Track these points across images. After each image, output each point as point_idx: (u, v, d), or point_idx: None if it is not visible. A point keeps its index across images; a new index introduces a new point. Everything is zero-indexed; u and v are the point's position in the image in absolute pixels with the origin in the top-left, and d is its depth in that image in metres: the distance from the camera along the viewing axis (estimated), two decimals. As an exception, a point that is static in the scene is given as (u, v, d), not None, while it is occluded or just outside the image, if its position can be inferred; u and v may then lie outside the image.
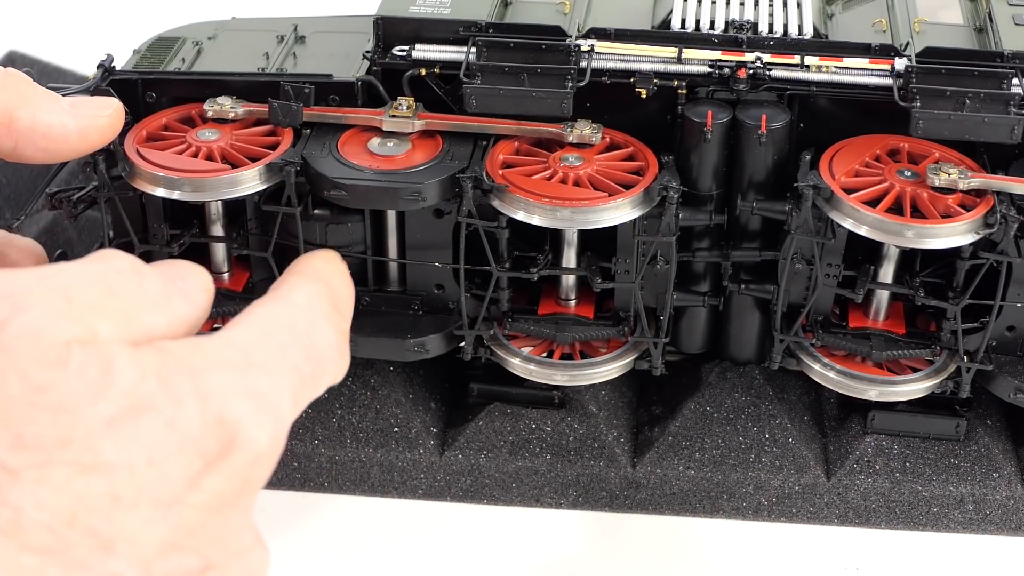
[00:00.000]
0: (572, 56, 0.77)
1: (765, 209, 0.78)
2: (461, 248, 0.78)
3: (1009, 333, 0.81)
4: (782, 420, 0.85)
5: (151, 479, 0.41)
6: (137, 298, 0.46)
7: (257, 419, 0.45)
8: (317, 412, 0.85)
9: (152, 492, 0.41)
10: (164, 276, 0.49)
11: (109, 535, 0.40)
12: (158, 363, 0.44)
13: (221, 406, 0.44)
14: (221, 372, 0.45)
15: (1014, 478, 0.83)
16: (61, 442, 0.40)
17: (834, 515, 0.84)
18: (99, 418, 0.41)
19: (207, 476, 0.43)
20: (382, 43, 0.80)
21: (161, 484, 0.42)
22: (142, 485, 0.41)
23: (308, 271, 0.60)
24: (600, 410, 0.85)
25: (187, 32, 0.89)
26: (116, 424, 0.41)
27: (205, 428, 0.43)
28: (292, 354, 0.50)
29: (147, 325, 0.46)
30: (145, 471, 0.41)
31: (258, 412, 0.45)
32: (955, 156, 0.77)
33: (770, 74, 0.77)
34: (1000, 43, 0.79)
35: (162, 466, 0.42)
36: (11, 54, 1.22)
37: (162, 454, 0.42)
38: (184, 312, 0.49)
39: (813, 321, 0.82)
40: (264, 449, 0.46)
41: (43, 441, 0.40)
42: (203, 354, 0.45)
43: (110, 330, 0.43)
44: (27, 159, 0.63)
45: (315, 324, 0.53)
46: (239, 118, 0.79)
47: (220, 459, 0.44)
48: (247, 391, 0.45)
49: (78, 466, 0.40)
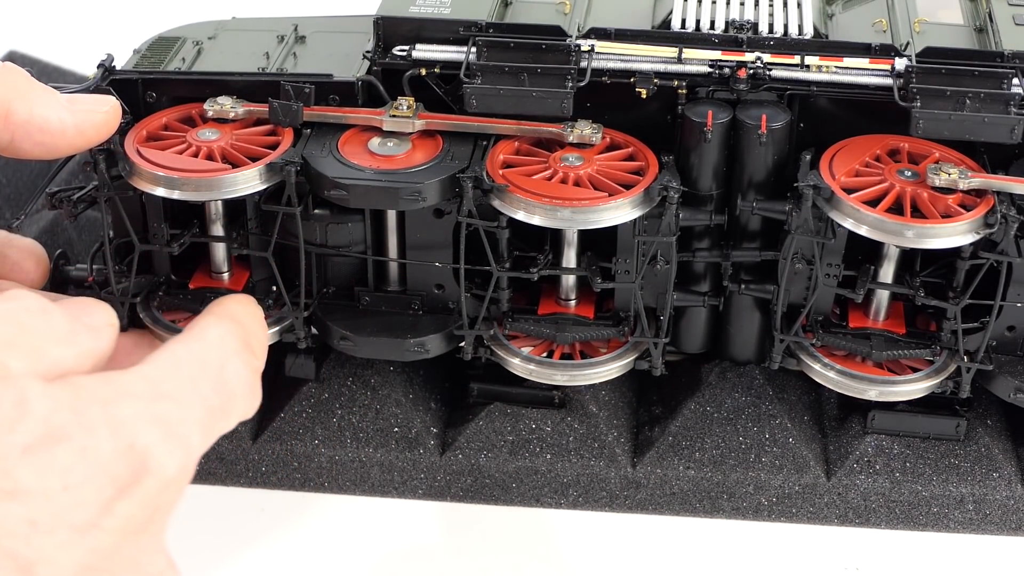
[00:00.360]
0: (572, 56, 0.77)
1: (765, 209, 0.78)
2: (461, 248, 0.78)
3: (1009, 333, 0.81)
4: (782, 420, 0.85)
5: (66, 504, 0.43)
6: (45, 334, 0.48)
7: (166, 447, 0.47)
8: (317, 412, 0.85)
9: (68, 517, 0.43)
10: (70, 313, 0.51)
11: (28, 558, 0.42)
12: (70, 395, 0.45)
13: (132, 434, 0.46)
14: (131, 402, 0.47)
15: (1014, 478, 0.83)
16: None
17: (834, 515, 0.84)
18: (15, 447, 0.43)
19: (119, 501, 0.45)
20: (382, 43, 0.80)
21: (76, 509, 0.43)
22: (58, 510, 0.43)
23: (222, 312, 0.63)
24: (600, 410, 0.85)
25: (187, 32, 0.89)
26: (32, 452, 0.43)
27: (116, 455, 0.45)
28: (202, 387, 0.52)
29: (55, 359, 0.47)
30: (60, 497, 0.43)
31: (167, 440, 0.47)
32: (955, 156, 0.77)
33: (770, 74, 0.77)
34: (1000, 43, 0.79)
35: (76, 492, 0.43)
36: (11, 54, 1.22)
37: (76, 480, 0.43)
38: (89, 347, 0.51)
39: (813, 321, 0.82)
40: (173, 475, 0.47)
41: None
42: (113, 386, 0.47)
43: (21, 365, 0.45)
44: (23, 153, 0.63)
45: (226, 360, 0.55)
46: (239, 118, 0.79)
47: (131, 485, 0.45)
48: (156, 420, 0.47)
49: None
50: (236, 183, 0.75)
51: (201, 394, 0.51)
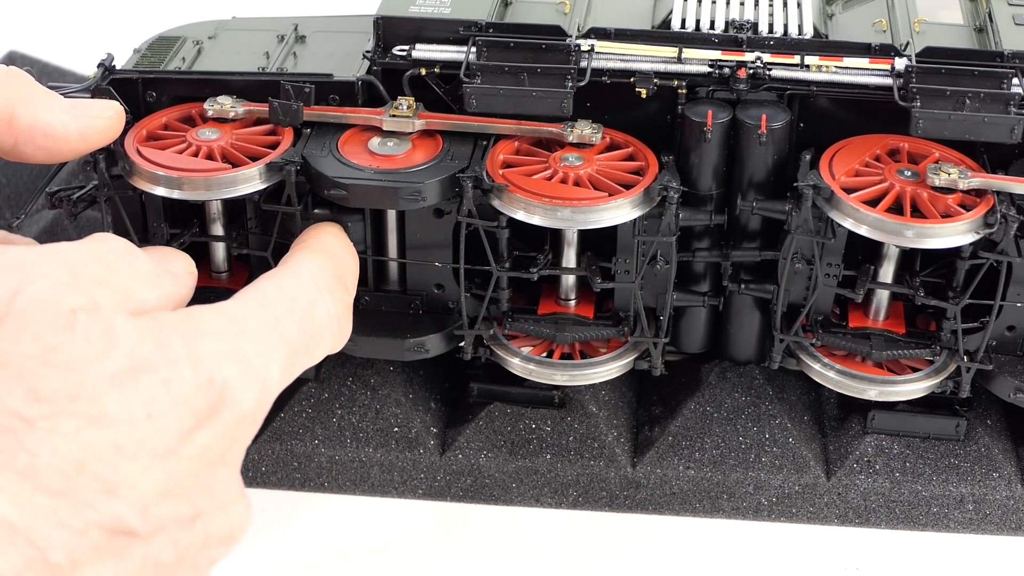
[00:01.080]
0: (572, 56, 0.77)
1: (765, 209, 0.78)
2: (461, 248, 0.78)
3: (1009, 333, 0.81)
4: (782, 420, 0.85)
5: (149, 432, 0.45)
6: (131, 275, 0.50)
7: (243, 383, 0.49)
8: (317, 412, 0.85)
9: (150, 443, 0.45)
10: (153, 258, 0.54)
11: (113, 480, 0.44)
12: (154, 329, 0.48)
13: (212, 369, 0.48)
14: (212, 339, 0.49)
15: (1014, 478, 0.83)
16: (70, 396, 0.44)
17: (834, 515, 0.84)
18: (103, 375, 0.45)
19: (198, 431, 0.47)
20: (382, 43, 0.80)
21: (158, 437, 0.46)
22: (141, 437, 0.45)
23: (317, 246, 0.65)
24: (600, 410, 0.85)
25: (187, 32, 0.89)
26: (118, 381, 0.45)
27: (197, 388, 0.47)
28: (286, 327, 0.54)
29: (140, 299, 0.50)
30: (144, 424, 0.45)
31: (245, 376, 0.49)
32: (955, 156, 0.77)
33: (770, 74, 0.77)
34: (1000, 43, 0.79)
35: (159, 421, 0.46)
36: (11, 54, 1.22)
37: (159, 410, 0.46)
38: (171, 290, 0.53)
39: (813, 321, 0.82)
40: (249, 410, 0.49)
41: (54, 395, 0.44)
42: (195, 323, 0.50)
43: (109, 301, 0.48)
44: (26, 158, 0.63)
45: (316, 298, 0.57)
46: (239, 117, 0.79)
47: (210, 417, 0.47)
48: (235, 356, 0.49)
49: (85, 418, 0.44)
50: (236, 183, 0.75)
51: (285, 334, 0.53)
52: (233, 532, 0.50)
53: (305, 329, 0.55)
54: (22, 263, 0.47)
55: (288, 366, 0.53)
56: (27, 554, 0.41)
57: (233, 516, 0.50)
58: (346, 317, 0.61)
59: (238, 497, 0.50)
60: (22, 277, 0.46)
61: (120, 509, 0.44)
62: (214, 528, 0.48)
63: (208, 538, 0.48)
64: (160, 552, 0.45)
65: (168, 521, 0.46)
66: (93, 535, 0.43)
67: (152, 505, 0.45)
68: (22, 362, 0.44)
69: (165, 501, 0.46)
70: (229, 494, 0.49)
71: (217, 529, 0.49)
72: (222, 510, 0.49)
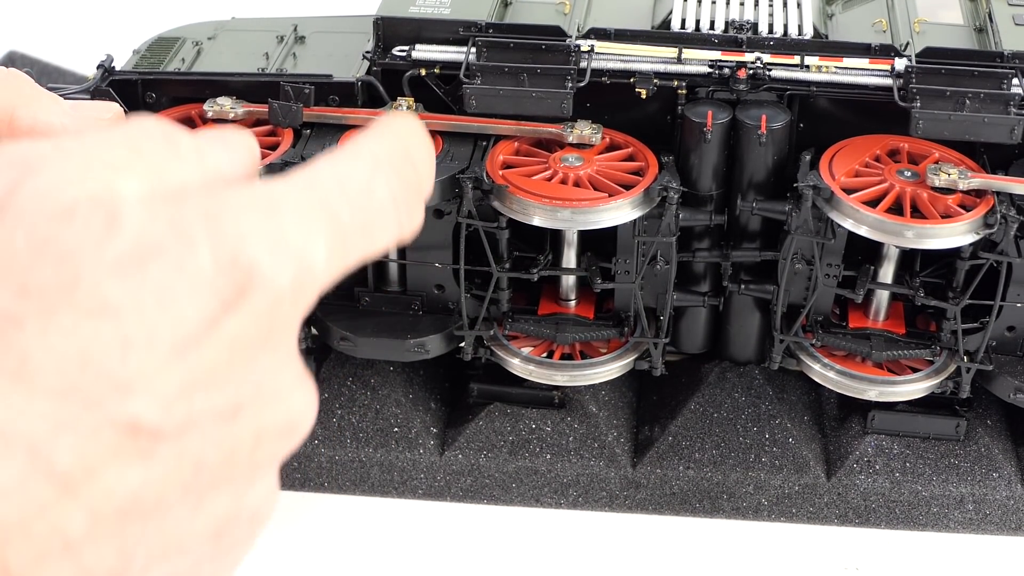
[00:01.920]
0: (572, 56, 0.77)
1: (765, 209, 0.78)
2: (461, 249, 0.78)
3: (1009, 333, 0.81)
4: (782, 420, 0.85)
5: (163, 320, 0.41)
6: (164, 156, 0.45)
7: (274, 259, 0.43)
8: (317, 412, 0.85)
9: (166, 333, 0.41)
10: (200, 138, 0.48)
11: (124, 376, 0.40)
12: (170, 209, 0.43)
13: (235, 248, 0.42)
14: (238, 216, 0.43)
15: (1014, 478, 0.83)
16: (65, 288, 0.40)
17: (834, 515, 0.84)
18: (103, 263, 0.40)
19: (226, 317, 0.42)
20: (382, 43, 0.80)
21: (175, 325, 0.41)
22: (154, 326, 0.41)
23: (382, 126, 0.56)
24: (600, 410, 0.85)
25: (187, 32, 0.89)
26: (122, 267, 0.41)
27: (218, 269, 0.42)
28: (334, 205, 0.47)
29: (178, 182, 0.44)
30: (155, 313, 0.41)
31: (275, 253, 0.43)
32: (955, 156, 0.77)
33: (770, 74, 0.77)
34: (1000, 43, 0.79)
35: (173, 308, 0.41)
36: (11, 54, 1.22)
37: (172, 296, 0.41)
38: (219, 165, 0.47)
39: (813, 321, 0.82)
40: (284, 288, 0.43)
41: (46, 288, 0.40)
42: (221, 201, 0.44)
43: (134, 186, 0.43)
44: None
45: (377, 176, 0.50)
46: (239, 118, 0.79)
47: (238, 299, 0.42)
48: (264, 233, 0.44)
49: (84, 310, 0.40)
50: (236, 184, 0.75)
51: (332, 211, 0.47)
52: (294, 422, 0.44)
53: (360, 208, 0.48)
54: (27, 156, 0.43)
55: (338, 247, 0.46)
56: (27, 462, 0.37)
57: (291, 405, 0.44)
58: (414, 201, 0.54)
59: (294, 384, 0.44)
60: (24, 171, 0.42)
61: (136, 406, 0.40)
62: (267, 421, 0.43)
63: (261, 433, 0.43)
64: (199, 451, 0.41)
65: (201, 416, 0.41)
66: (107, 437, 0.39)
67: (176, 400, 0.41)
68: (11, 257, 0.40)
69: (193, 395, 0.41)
70: (281, 382, 0.44)
71: (271, 422, 0.43)
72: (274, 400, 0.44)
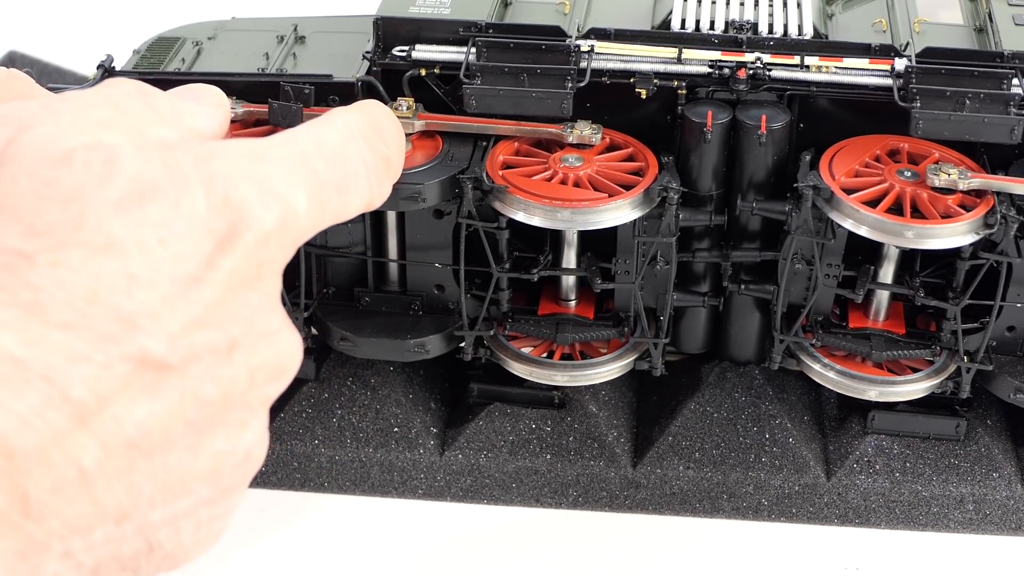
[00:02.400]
0: (572, 56, 0.77)
1: (765, 209, 0.78)
2: (461, 249, 0.78)
3: (1009, 333, 0.81)
4: (782, 420, 0.85)
5: (165, 257, 0.43)
6: (144, 115, 0.48)
7: (262, 200, 0.46)
8: (317, 412, 0.85)
9: (168, 269, 0.42)
10: (175, 95, 0.50)
11: (131, 311, 0.41)
12: (163, 154, 0.45)
13: (226, 188, 0.45)
14: (226, 160, 0.46)
15: (1014, 478, 0.83)
16: (72, 226, 0.41)
17: (834, 515, 0.84)
18: (106, 202, 0.42)
19: (220, 255, 0.44)
20: (382, 43, 0.80)
21: (175, 262, 0.43)
22: (157, 263, 0.42)
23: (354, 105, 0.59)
24: (600, 410, 0.85)
25: (187, 32, 0.89)
26: (123, 207, 0.42)
27: (211, 209, 0.44)
28: (313, 161, 0.50)
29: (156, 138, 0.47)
30: (157, 250, 0.42)
31: (263, 195, 0.46)
32: (955, 156, 0.77)
33: (770, 74, 0.77)
34: (1000, 43, 0.79)
35: (173, 245, 0.43)
36: (11, 54, 1.22)
37: (172, 234, 0.43)
38: (198, 126, 0.50)
39: (813, 321, 0.82)
40: (271, 228, 0.46)
41: (54, 227, 0.41)
42: (209, 148, 0.46)
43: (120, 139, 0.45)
44: None
45: (348, 142, 0.53)
46: (239, 119, 0.79)
47: (230, 238, 0.45)
48: (252, 177, 0.46)
49: (91, 247, 0.41)
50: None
51: (310, 166, 0.50)
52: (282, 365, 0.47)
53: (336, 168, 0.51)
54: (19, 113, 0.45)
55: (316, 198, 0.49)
56: (44, 391, 0.38)
57: (279, 347, 0.46)
58: (383, 169, 0.56)
59: (281, 327, 0.46)
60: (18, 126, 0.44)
61: (144, 339, 0.41)
62: (258, 361, 0.45)
63: (253, 372, 0.45)
64: (199, 387, 0.42)
65: (201, 351, 0.43)
66: (117, 368, 0.40)
67: (180, 334, 0.42)
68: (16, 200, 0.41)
69: (194, 331, 0.43)
70: (269, 324, 0.46)
71: (262, 362, 0.45)
72: (264, 341, 0.45)
